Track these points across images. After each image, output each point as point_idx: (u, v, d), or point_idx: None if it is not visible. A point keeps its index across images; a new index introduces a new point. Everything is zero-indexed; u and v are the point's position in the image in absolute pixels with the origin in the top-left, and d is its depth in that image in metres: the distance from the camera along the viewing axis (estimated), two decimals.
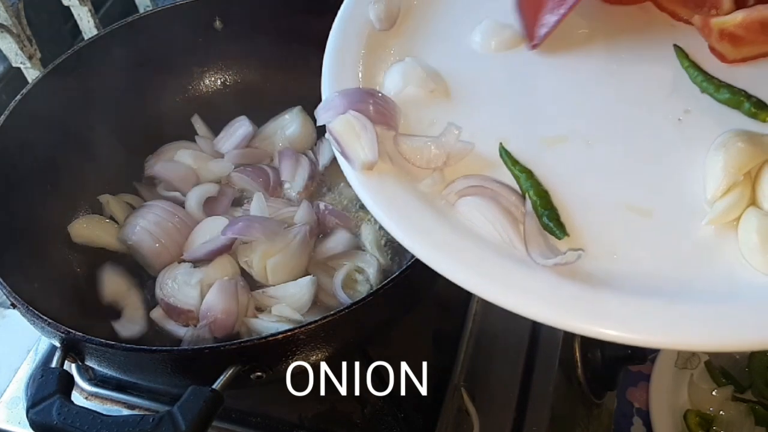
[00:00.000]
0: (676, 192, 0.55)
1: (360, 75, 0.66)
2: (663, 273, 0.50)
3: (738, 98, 0.58)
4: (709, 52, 0.63)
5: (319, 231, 0.92)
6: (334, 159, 0.97)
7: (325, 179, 0.99)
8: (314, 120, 1.00)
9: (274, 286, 0.86)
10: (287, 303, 0.84)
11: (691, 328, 0.46)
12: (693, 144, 0.57)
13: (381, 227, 0.91)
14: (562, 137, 0.59)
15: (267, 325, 0.82)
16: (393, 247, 0.91)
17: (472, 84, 0.65)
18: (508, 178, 0.57)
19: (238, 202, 0.97)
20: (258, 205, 0.91)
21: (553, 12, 0.64)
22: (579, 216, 0.54)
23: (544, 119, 0.61)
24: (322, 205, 0.93)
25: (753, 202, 0.53)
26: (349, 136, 0.58)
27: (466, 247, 0.52)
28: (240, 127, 1.01)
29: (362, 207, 0.95)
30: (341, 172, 1.00)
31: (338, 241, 0.90)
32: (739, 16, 0.61)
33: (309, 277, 0.85)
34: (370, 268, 0.87)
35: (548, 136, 0.60)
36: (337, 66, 0.66)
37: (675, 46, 0.63)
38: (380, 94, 0.61)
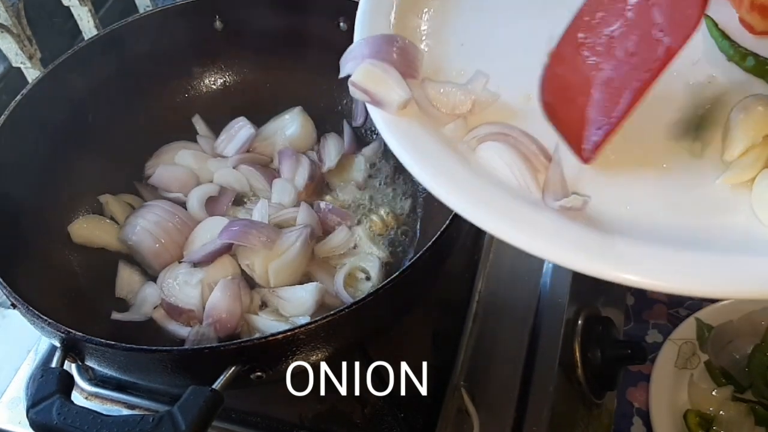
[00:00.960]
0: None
1: (392, 20, 0.65)
2: (675, 223, 0.51)
3: (763, 66, 0.59)
4: (738, 24, 0.63)
5: (321, 231, 0.92)
6: (339, 160, 0.98)
7: (325, 179, 0.99)
8: (314, 120, 1.02)
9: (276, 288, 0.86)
10: (292, 306, 0.84)
11: (700, 274, 0.46)
12: (715, 106, 0.58)
13: (371, 225, 0.93)
14: None
15: (268, 323, 0.83)
16: (388, 239, 0.92)
17: (504, 37, 0.65)
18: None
19: (239, 201, 0.97)
20: (261, 211, 0.91)
21: (600, 126, 0.52)
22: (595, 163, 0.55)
23: None
24: (323, 205, 0.93)
25: None
26: (375, 82, 0.57)
27: (484, 187, 0.53)
28: (241, 129, 1.01)
29: (361, 206, 0.96)
30: (341, 172, 1.01)
31: (341, 238, 0.90)
32: None
33: (315, 283, 0.85)
34: (371, 266, 0.87)
35: None
36: (370, 12, 0.65)
37: (705, 15, 0.63)
38: (403, 40, 0.60)
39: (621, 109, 0.52)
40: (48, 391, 0.62)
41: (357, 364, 0.82)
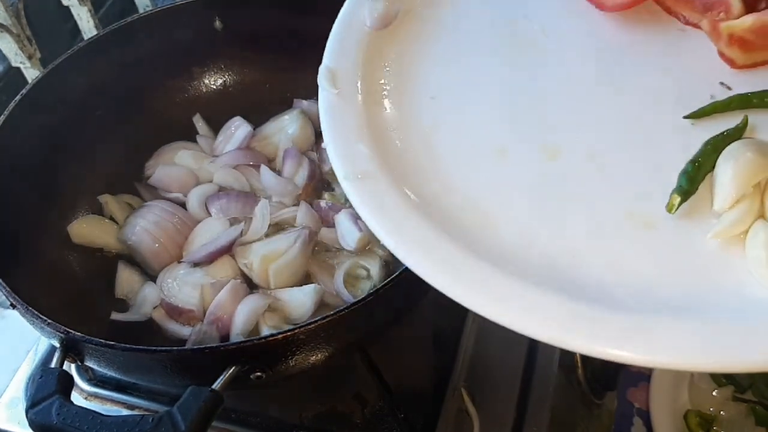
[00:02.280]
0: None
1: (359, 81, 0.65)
2: (666, 287, 0.49)
3: (746, 98, 0.58)
4: (718, 58, 0.62)
5: (322, 227, 0.92)
6: None
7: (324, 177, 0.99)
8: (314, 120, 1.02)
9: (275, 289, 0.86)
10: (291, 308, 0.84)
11: (696, 347, 0.44)
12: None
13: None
14: (563, 146, 0.58)
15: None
16: None
17: (472, 90, 0.64)
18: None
19: None
20: (262, 211, 0.91)
21: None
22: (580, 228, 0.53)
23: (546, 127, 0.60)
24: (323, 203, 0.93)
25: (762, 215, 0.51)
26: None
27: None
28: (238, 128, 1.01)
29: None
30: None
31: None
32: (748, 20, 0.59)
33: (313, 285, 0.85)
34: (372, 263, 0.87)
35: (549, 145, 0.59)
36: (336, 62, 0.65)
37: None
38: None
39: None
40: (47, 392, 0.62)
41: (357, 364, 0.82)
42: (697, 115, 0.58)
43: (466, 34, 0.68)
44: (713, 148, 0.55)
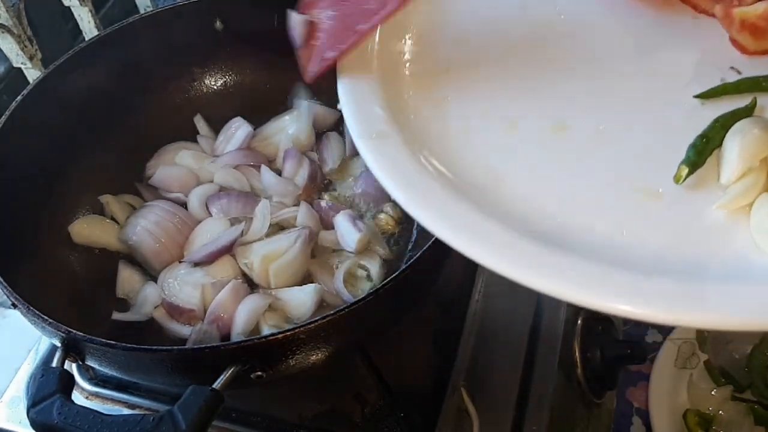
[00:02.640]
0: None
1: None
2: (671, 253, 0.50)
3: (756, 81, 0.59)
4: (729, 44, 0.63)
5: (321, 229, 0.92)
6: (339, 162, 0.99)
7: (325, 177, 1.00)
8: (315, 121, 1.02)
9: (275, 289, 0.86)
10: (292, 308, 0.84)
11: (698, 306, 0.45)
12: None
13: (377, 222, 0.93)
14: (573, 121, 0.60)
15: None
16: (389, 237, 0.92)
17: (484, 63, 0.66)
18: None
19: None
20: (263, 211, 0.91)
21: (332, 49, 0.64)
22: (589, 197, 0.54)
23: (556, 103, 0.62)
24: (323, 203, 0.93)
25: (766, 188, 0.53)
26: None
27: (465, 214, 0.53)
28: (238, 129, 1.01)
29: (358, 203, 0.96)
30: (341, 168, 1.02)
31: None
32: (761, 6, 0.60)
33: (314, 285, 0.85)
34: (372, 263, 0.87)
35: (558, 121, 0.60)
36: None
37: None
38: None
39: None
40: (48, 391, 0.62)
41: (357, 364, 0.82)
42: (707, 95, 0.60)
43: (483, 10, 0.70)
44: (722, 125, 0.56)
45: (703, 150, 0.55)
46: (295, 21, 0.67)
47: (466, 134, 0.60)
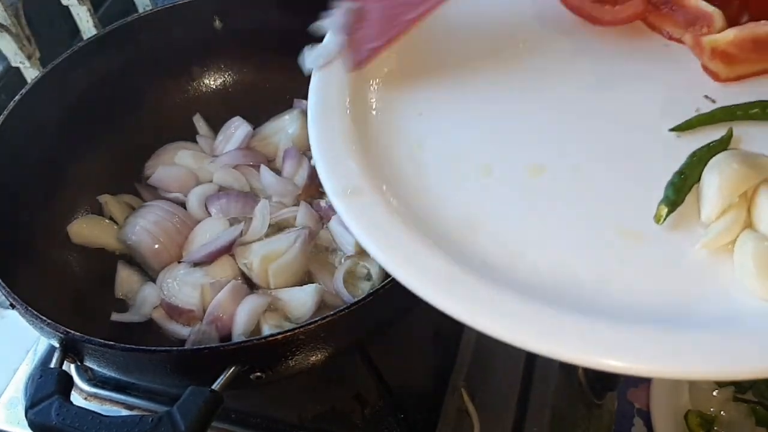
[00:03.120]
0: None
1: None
2: (656, 299, 0.49)
3: (730, 110, 0.58)
4: (702, 72, 0.62)
5: (321, 229, 0.91)
6: None
7: None
8: None
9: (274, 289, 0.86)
10: (292, 308, 0.84)
11: (687, 356, 0.44)
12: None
13: None
14: (547, 162, 0.58)
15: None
16: None
17: (457, 109, 0.64)
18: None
19: None
20: (262, 211, 0.91)
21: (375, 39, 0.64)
22: (569, 241, 0.53)
23: (530, 145, 0.60)
24: (323, 203, 0.93)
25: (748, 224, 0.51)
26: None
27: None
28: (238, 128, 1.01)
29: None
30: None
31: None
32: (731, 34, 0.60)
33: (314, 285, 0.85)
34: (371, 263, 0.87)
35: (533, 163, 0.58)
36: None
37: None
38: None
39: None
40: (47, 392, 0.62)
41: (357, 364, 0.82)
42: (682, 127, 0.58)
43: (452, 53, 0.69)
44: (699, 160, 0.55)
45: (682, 187, 0.53)
46: (344, 8, 0.66)
47: (441, 183, 0.58)
